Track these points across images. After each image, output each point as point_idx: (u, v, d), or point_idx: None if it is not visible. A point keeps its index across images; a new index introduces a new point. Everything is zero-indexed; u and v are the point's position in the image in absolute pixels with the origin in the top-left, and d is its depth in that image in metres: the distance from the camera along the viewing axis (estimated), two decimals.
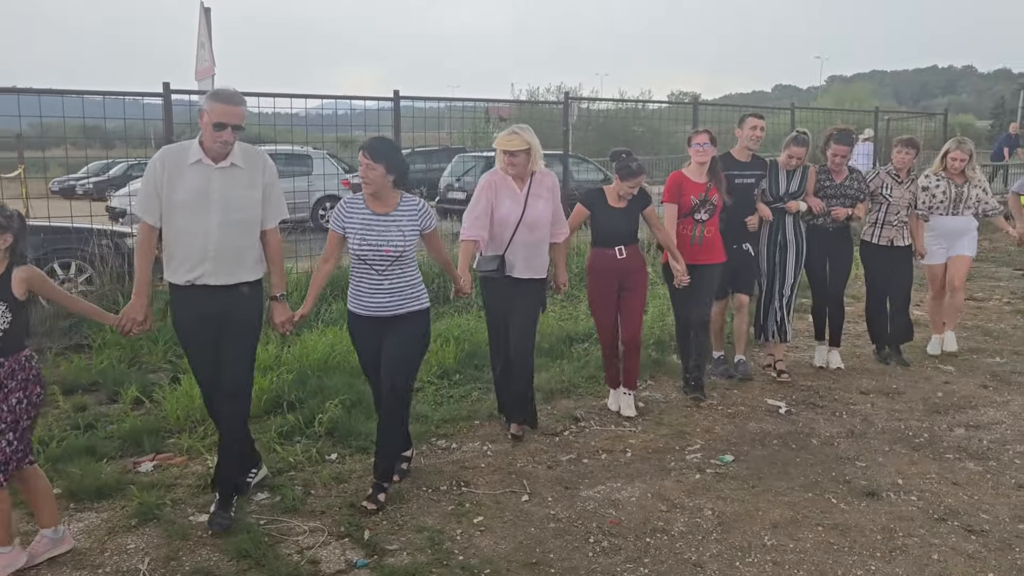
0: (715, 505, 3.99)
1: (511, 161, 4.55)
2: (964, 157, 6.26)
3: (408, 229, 3.91)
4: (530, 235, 4.62)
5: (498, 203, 4.59)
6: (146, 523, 3.76)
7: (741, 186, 5.64)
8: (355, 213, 3.93)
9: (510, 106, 23.22)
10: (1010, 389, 5.83)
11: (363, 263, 3.91)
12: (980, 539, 3.67)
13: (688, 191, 5.34)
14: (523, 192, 4.61)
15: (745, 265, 5.80)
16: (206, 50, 7.91)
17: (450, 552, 3.53)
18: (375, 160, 3.79)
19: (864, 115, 16.32)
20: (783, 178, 5.85)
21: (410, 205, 3.97)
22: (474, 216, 4.58)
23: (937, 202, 6.29)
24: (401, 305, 3.95)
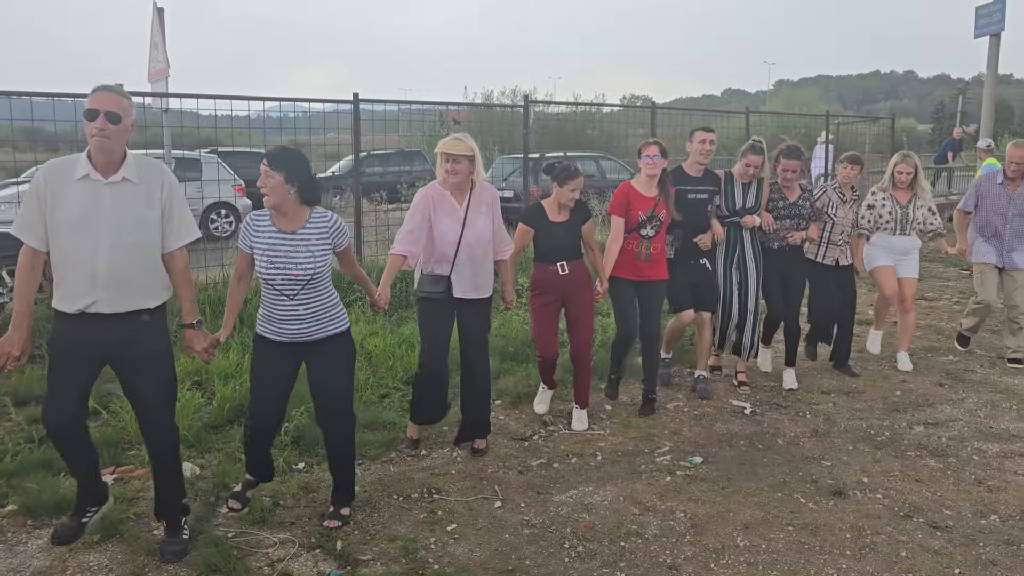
0: (687, 507, 4.02)
1: (453, 168, 4.33)
2: (910, 170, 6.32)
3: (318, 249, 3.61)
4: (473, 253, 4.43)
5: (436, 220, 4.38)
6: (108, 539, 3.64)
7: (694, 202, 5.49)
8: (261, 231, 3.62)
9: (467, 109, 23.18)
10: (964, 387, 5.99)
11: (271, 287, 3.61)
12: (945, 535, 3.76)
13: (636, 205, 5.16)
14: (463, 208, 4.41)
15: (705, 281, 5.67)
16: (159, 51, 7.73)
17: (424, 561, 3.49)
18: (274, 168, 3.50)
19: (815, 119, 16.67)
20: (739, 191, 5.72)
21: (320, 221, 3.65)
22: (407, 230, 4.37)
23: (883, 221, 6.32)
24: (320, 330, 3.68)
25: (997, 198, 6.57)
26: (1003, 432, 5.07)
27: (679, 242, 5.53)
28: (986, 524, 3.87)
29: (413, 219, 4.37)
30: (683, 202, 5.37)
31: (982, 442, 4.90)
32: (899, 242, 6.35)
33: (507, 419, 5.23)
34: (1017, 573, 3.43)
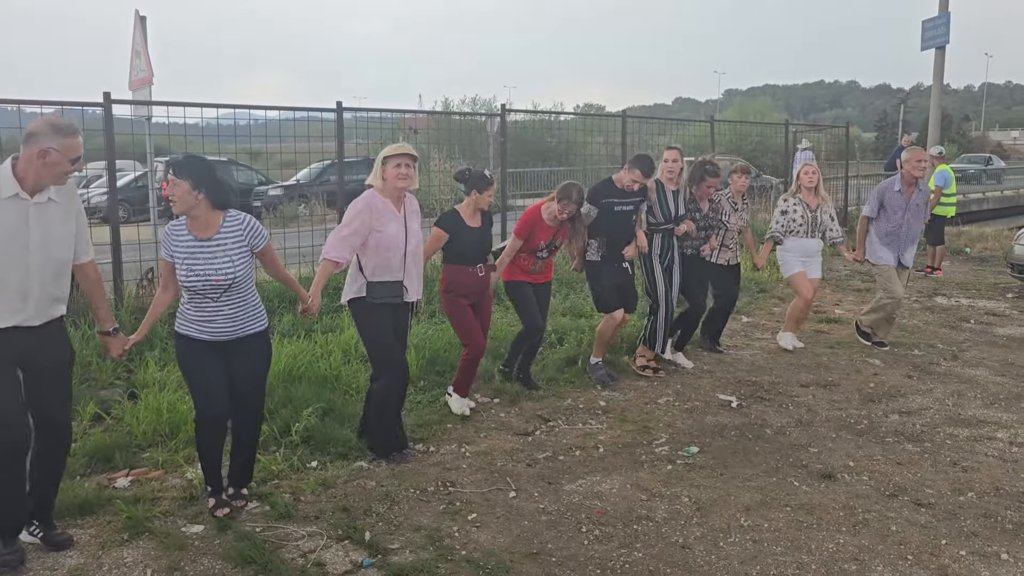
0: (690, 492, 4.25)
1: (406, 173, 4.35)
2: (816, 170, 7.00)
3: (236, 253, 3.70)
4: (416, 257, 4.57)
5: (383, 226, 4.38)
6: (138, 536, 3.73)
7: (620, 213, 5.91)
8: (180, 240, 3.70)
9: (426, 118, 23.27)
10: (931, 378, 6.36)
11: (193, 293, 3.72)
12: (929, 511, 4.05)
13: (539, 236, 5.64)
14: (402, 214, 4.49)
15: (628, 283, 6.13)
16: (142, 59, 7.76)
17: (451, 548, 3.66)
18: (179, 176, 3.57)
19: (773, 128, 17.21)
20: (671, 199, 6.17)
21: (234, 225, 3.72)
22: (341, 236, 4.36)
23: (796, 225, 6.89)
24: (244, 328, 3.84)
25: (895, 203, 7.02)
26: (971, 418, 5.43)
27: (605, 249, 5.94)
28: (964, 500, 4.18)
29: (351, 225, 4.36)
30: (610, 212, 5.84)
31: (953, 427, 5.24)
32: (810, 244, 6.97)
33: (507, 416, 5.41)
34: (996, 542, 3.74)
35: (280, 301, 7.52)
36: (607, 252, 5.94)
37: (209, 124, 8.82)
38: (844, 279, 10.89)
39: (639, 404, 5.69)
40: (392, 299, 4.48)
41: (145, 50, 7.73)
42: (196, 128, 8.98)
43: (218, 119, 8.47)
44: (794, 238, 6.91)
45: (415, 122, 22.50)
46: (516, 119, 29.47)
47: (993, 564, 3.55)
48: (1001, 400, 5.81)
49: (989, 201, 26.47)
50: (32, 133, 3.28)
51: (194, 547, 3.65)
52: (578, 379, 6.15)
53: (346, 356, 6.14)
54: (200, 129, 8.82)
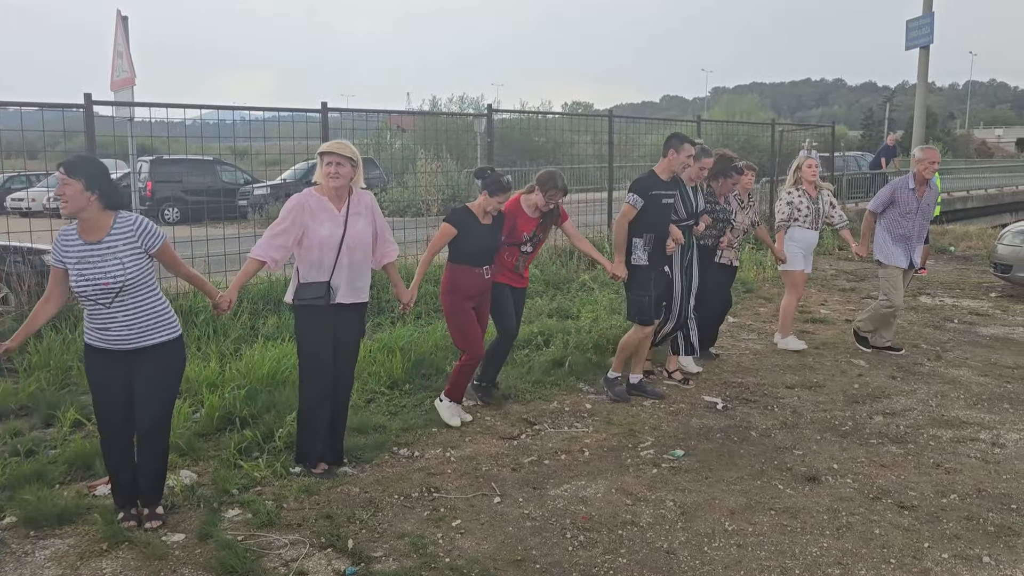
0: (675, 496, 4.25)
1: (335, 171, 4.22)
2: (818, 163, 7.00)
3: (127, 255, 3.58)
4: (352, 256, 4.34)
5: (317, 225, 4.25)
6: (117, 546, 3.69)
7: (666, 207, 5.62)
8: (70, 246, 3.59)
9: (412, 117, 23.18)
10: (915, 379, 6.39)
11: (85, 298, 3.61)
12: (912, 514, 4.07)
13: (521, 227, 5.43)
14: (342, 212, 4.32)
15: (666, 291, 5.88)
16: (124, 59, 7.70)
17: (435, 555, 3.64)
18: (72, 176, 3.47)
19: (760, 127, 17.26)
20: (691, 195, 5.96)
21: (125, 227, 3.61)
22: (272, 235, 4.25)
23: (803, 216, 6.86)
24: (145, 336, 3.68)
25: (908, 202, 6.93)
26: (954, 419, 5.45)
27: (651, 246, 5.55)
28: (947, 502, 4.19)
29: (282, 224, 4.26)
30: (657, 205, 5.53)
31: (936, 429, 5.27)
32: (814, 237, 6.97)
33: (493, 420, 5.39)
34: (978, 545, 3.75)
35: (265, 304, 7.49)
36: (653, 250, 5.56)
37: (193, 123, 8.77)
38: (830, 279, 10.93)
39: (625, 407, 5.68)
40: (315, 300, 4.28)
41: (127, 50, 7.67)
42: (179, 127, 8.94)
43: (201, 118, 8.43)
44: (800, 229, 6.89)
45: (402, 121, 22.46)
46: (503, 118, 29.52)
47: (975, 567, 3.56)
48: (984, 400, 5.84)
49: (973, 199, 26.63)
50: None
51: (174, 556, 3.61)
52: (564, 381, 6.14)
53: None
54: (184, 128, 8.77)
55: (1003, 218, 24.70)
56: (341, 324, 4.41)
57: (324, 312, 4.32)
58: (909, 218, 6.92)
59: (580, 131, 14.34)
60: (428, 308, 7.94)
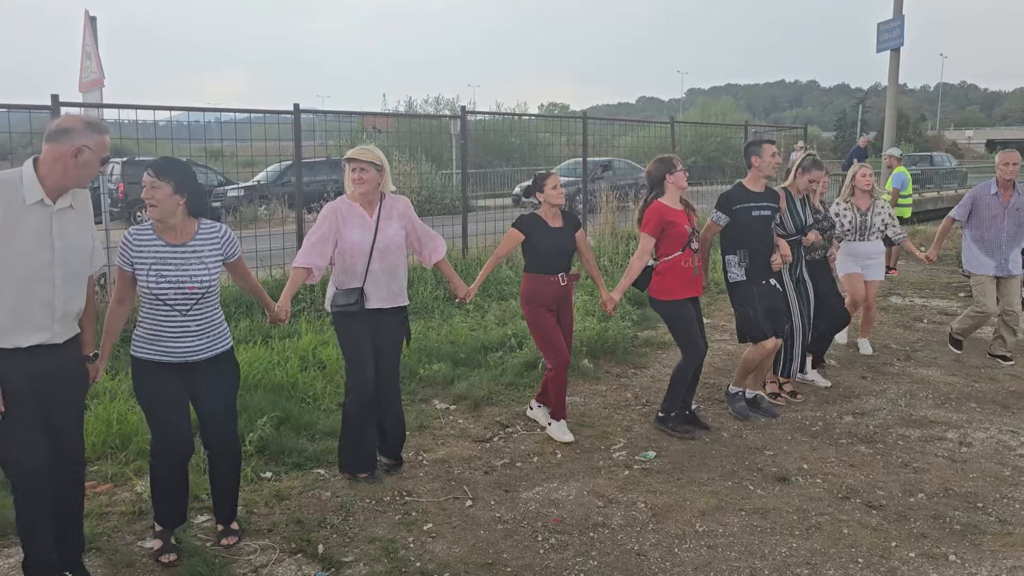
0: (647, 498, 4.27)
1: (360, 177, 4.23)
2: (871, 172, 6.90)
3: (211, 260, 3.52)
4: (385, 262, 4.32)
5: (347, 232, 4.26)
6: (85, 553, 3.62)
7: (759, 219, 5.29)
8: (145, 246, 3.45)
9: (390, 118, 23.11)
10: (885, 379, 6.46)
11: (162, 303, 3.44)
12: (880, 513, 4.11)
13: (679, 221, 5.03)
14: (373, 218, 4.31)
15: (780, 304, 5.49)
16: (93, 60, 7.59)
17: (406, 560, 3.63)
18: (160, 178, 3.38)
19: (733, 128, 17.38)
20: (800, 209, 5.75)
21: (210, 232, 3.56)
22: (311, 243, 4.26)
23: (844, 231, 6.74)
24: (211, 346, 3.58)
25: (992, 208, 6.80)
26: (922, 419, 5.52)
27: (748, 262, 5.28)
28: (915, 502, 4.25)
29: (319, 231, 4.27)
30: (747, 219, 5.25)
31: (905, 428, 5.33)
32: (862, 248, 6.83)
33: (466, 423, 5.39)
34: (945, 543, 3.80)
35: (236, 307, 7.43)
36: (751, 266, 5.27)
37: (165, 124, 8.68)
38: None
39: (598, 409, 5.70)
40: (348, 307, 4.28)
41: (96, 51, 7.56)
42: (151, 128, 8.83)
43: (173, 119, 8.34)
44: (845, 243, 6.76)
45: (377, 122, 22.37)
46: (479, 119, 29.52)
47: (941, 565, 3.61)
48: (952, 400, 5.92)
49: (944, 200, 27.05)
50: (64, 129, 3.06)
51: (142, 563, 3.58)
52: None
53: (303, 363, 6.07)
54: (155, 129, 8.67)
55: None
56: (380, 329, 4.39)
57: (360, 318, 4.31)
58: (995, 224, 6.77)
59: (556, 132, 14.38)
60: None
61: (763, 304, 5.30)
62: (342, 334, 4.41)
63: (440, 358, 6.44)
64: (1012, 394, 6.05)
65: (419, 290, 8.28)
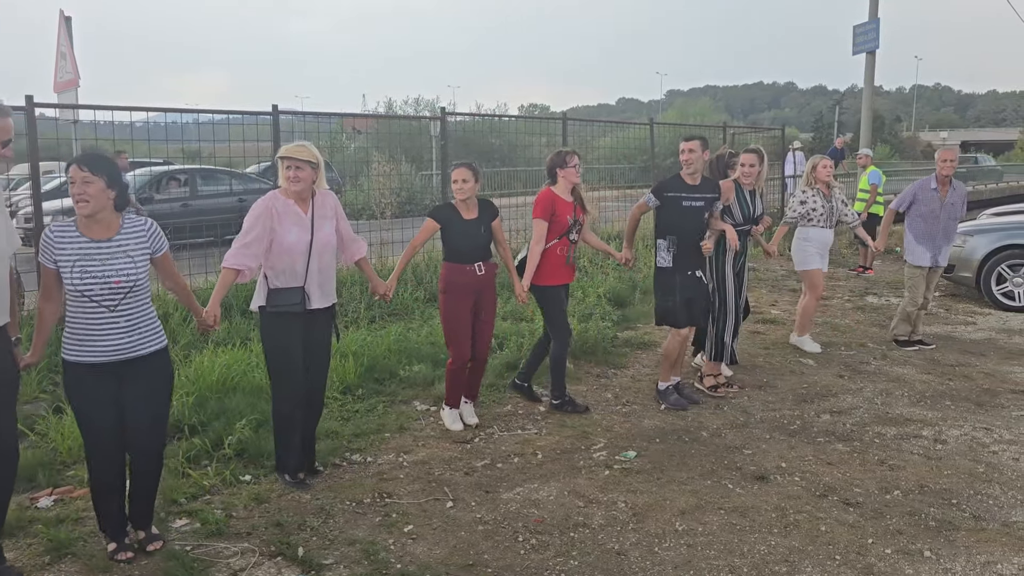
0: (627, 498, 4.28)
1: (296, 176, 4.11)
2: (831, 164, 7.10)
3: (138, 254, 3.45)
4: (321, 261, 4.28)
5: (284, 231, 4.15)
6: (60, 559, 3.61)
7: (689, 209, 5.49)
8: (68, 243, 3.37)
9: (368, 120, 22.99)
10: (862, 377, 6.53)
11: (88, 300, 3.36)
12: (857, 510, 4.16)
13: (562, 212, 5.36)
14: (308, 216, 4.23)
15: (701, 294, 5.66)
16: (68, 60, 7.52)
17: (387, 562, 3.62)
18: (94, 172, 3.31)
19: (712, 130, 17.51)
20: (749, 198, 6.03)
21: (136, 227, 3.49)
22: (243, 244, 4.08)
23: (817, 215, 6.95)
24: (142, 344, 3.48)
25: (931, 202, 7.15)
26: (898, 417, 5.59)
27: (676, 248, 5.49)
28: (891, 499, 4.30)
29: (252, 231, 4.11)
30: (678, 208, 5.48)
31: (881, 426, 5.39)
32: (828, 236, 7.04)
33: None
34: (920, 540, 3.85)
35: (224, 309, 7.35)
36: (679, 253, 5.49)
37: (142, 125, 8.59)
38: (780, 279, 11.12)
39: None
40: (290, 307, 4.19)
41: (71, 51, 7.50)
42: (126, 129, 8.74)
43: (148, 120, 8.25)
44: (816, 228, 6.97)
45: (358, 122, 22.26)
46: (459, 120, 29.43)
47: (917, 562, 3.65)
48: (927, 398, 5.99)
49: (986, 193, 27.51)
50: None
51: (119, 569, 3.54)
52: None
53: None
54: (131, 130, 8.58)
55: None
56: (314, 329, 4.33)
57: (297, 318, 4.23)
58: (932, 217, 7.10)
59: (536, 133, 14.39)
60: (382, 312, 7.89)
61: (684, 294, 5.52)
62: (275, 335, 4.27)
63: (420, 359, 6.43)
64: (986, 392, 6.14)
65: (399, 291, 8.26)
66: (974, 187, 28.70)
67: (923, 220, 7.18)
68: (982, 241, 9.54)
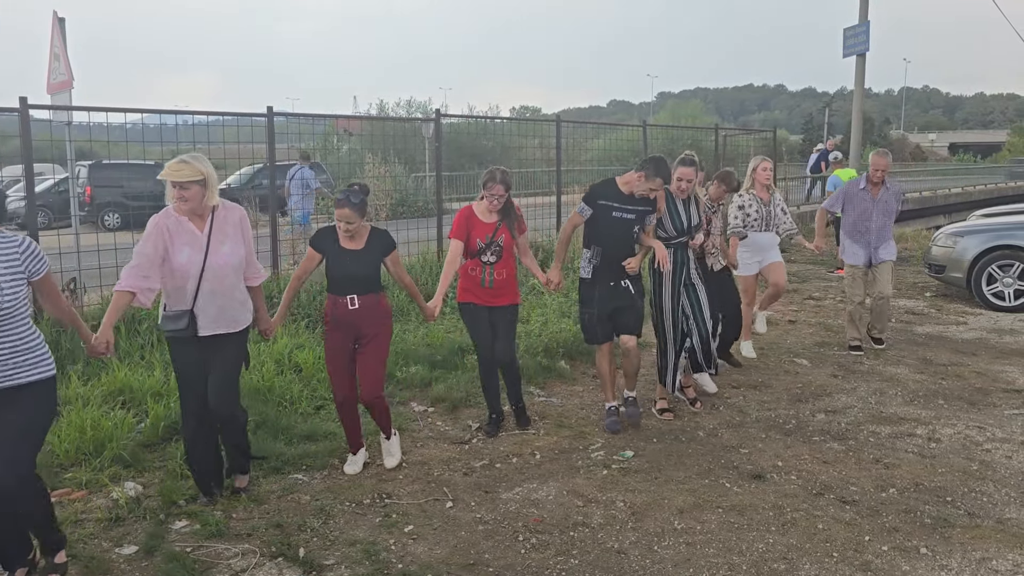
0: (625, 497, 4.31)
1: (181, 195, 3.82)
2: (771, 166, 7.08)
3: (6, 278, 3.07)
4: (219, 284, 3.95)
5: (176, 250, 3.87)
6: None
7: (619, 221, 5.12)
8: None
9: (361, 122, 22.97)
10: (855, 377, 6.58)
11: None
12: (853, 508, 4.19)
13: (476, 233, 5.03)
14: (204, 234, 3.93)
15: (628, 304, 5.22)
16: (61, 62, 7.50)
17: (388, 562, 3.63)
18: None
19: (704, 132, 17.58)
20: (682, 209, 5.46)
21: (8, 247, 3.11)
22: (135, 264, 3.82)
23: (752, 220, 6.90)
24: (16, 374, 3.13)
25: (862, 202, 7.20)
26: (892, 416, 5.63)
27: (598, 260, 5.19)
28: (886, 496, 4.33)
29: (144, 251, 3.84)
30: (607, 218, 5.11)
31: (875, 425, 5.44)
32: (764, 238, 6.98)
33: (444, 424, 5.40)
34: (916, 537, 3.89)
35: None
36: (600, 264, 5.16)
37: (134, 127, 8.57)
38: None
39: (575, 409, 5.73)
40: (176, 332, 3.94)
41: (64, 53, 7.47)
42: (120, 131, 8.72)
43: (143, 122, 8.24)
44: (750, 232, 6.91)
45: (349, 124, 22.24)
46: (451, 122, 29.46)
47: (913, 558, 3.69)
48: (920, 397, 6.04)
49: (909, 202, 27.55)
50: None
51: (120, 570, 3.55)
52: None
53: (279, 367, 6.03)
54: (124, 132, 8.56)
55: (937, 220, 25.53)
56: (214, 356, 4.02)
57: (192, 343, 3.97)
58: (865, 217, 7.15)
59: (528, 135, 14.41)
60: None
61: (605, 306, 5.16)
62: (173, 358, 4.11)
63: (417, 361, 6.44)
64: (978, 391, 6.19)
65: (394, 292, 8.26)
66: None
67: (856, 220, 7.20)
68: (972, 242, 9.62)
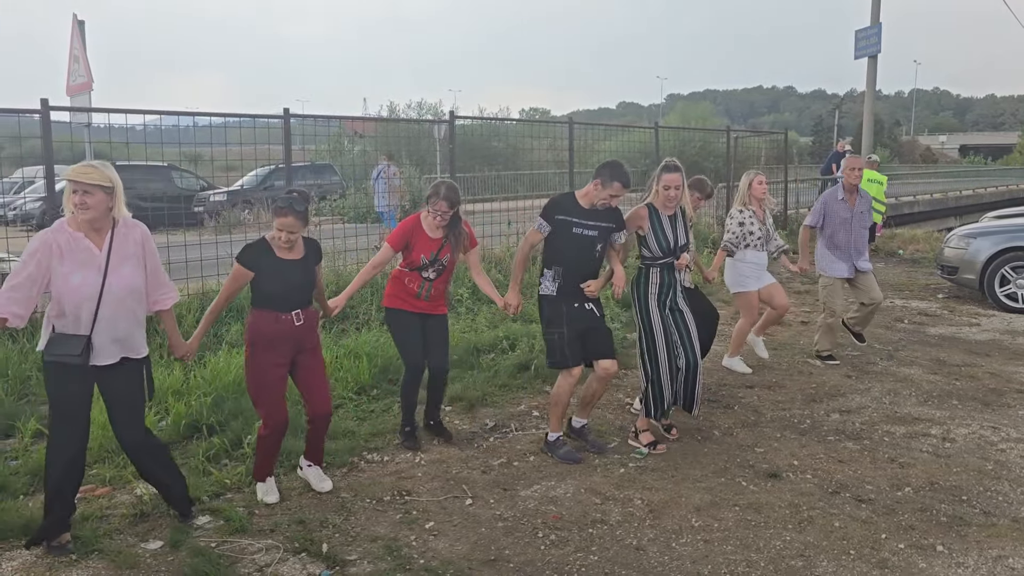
0: (643, 495, 4.35)
1: (83, 201, 3.45)
2: (765, 180, 6.63)
3: None
4: (120, 307, 3.59)
5: (67, 272, 3.49)
6: (87, 556, 3.66)
7: (579, 237, 4.71)
8: None
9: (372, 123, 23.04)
10: (869, 378, 6.60)
11: None
12: (869, 506, 4.22)
13: (419, 249, 4.81)
14: (103, 253, 3.56)
15: (595, 326, 4.80)
16: (81, 64, 7.59)
17: (409, 557, 3.68)
18: None
19: (715, 133, 17.59)
20: (668, 226, 4.97)
21: None
22: (10, 286, 3.45)
23: (754, 239, 6.50)
24: None
25: (842, 213, 6.92)
26: (906, 416, 5.65)
27: (561, 280, 4.74)
28: (902, 495, 4.36)
29: (24, 270, 3.47)
30: (566, 234, 4.69)
31: (890, 425, 5.46)
32: (764, 257, 6.63)
33: (462, 423, 5.45)
34: (932, 535, 3.91)
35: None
36: (564, 285, 4.73)
37: (151, 128, 8.65)
38: (785, 281, 11.17)
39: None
40: (67, 358, 3.52)
41: (84, 55, 7.57)
42: (137, 132, 8.81)
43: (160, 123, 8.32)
44: (752, 251, 6.51)
45: (360, 126, 22.31)
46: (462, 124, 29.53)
47: (929, 556, 3.71)
48: (934, 398, 6.06)
49: (920, 204, 27.52)
50: None
51: (146, 564, 3.60)
52: (530, 384, 6.21)
53: None
54: (144, 134, 8.65)
55: (948, 222, 25.51)
56: (109, 386, 3.70)
57: (81, 372, 3.56)
58: (845, 227, 6.90)
59: (539, 137, 14.45)
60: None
61: (575, 326, 4.69)
62: (53, 385, 3.62)
63: None
64: (992, 391, 6.20)
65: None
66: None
67: (838, 231, 6.90)
68: (985, 244, 9.62)
